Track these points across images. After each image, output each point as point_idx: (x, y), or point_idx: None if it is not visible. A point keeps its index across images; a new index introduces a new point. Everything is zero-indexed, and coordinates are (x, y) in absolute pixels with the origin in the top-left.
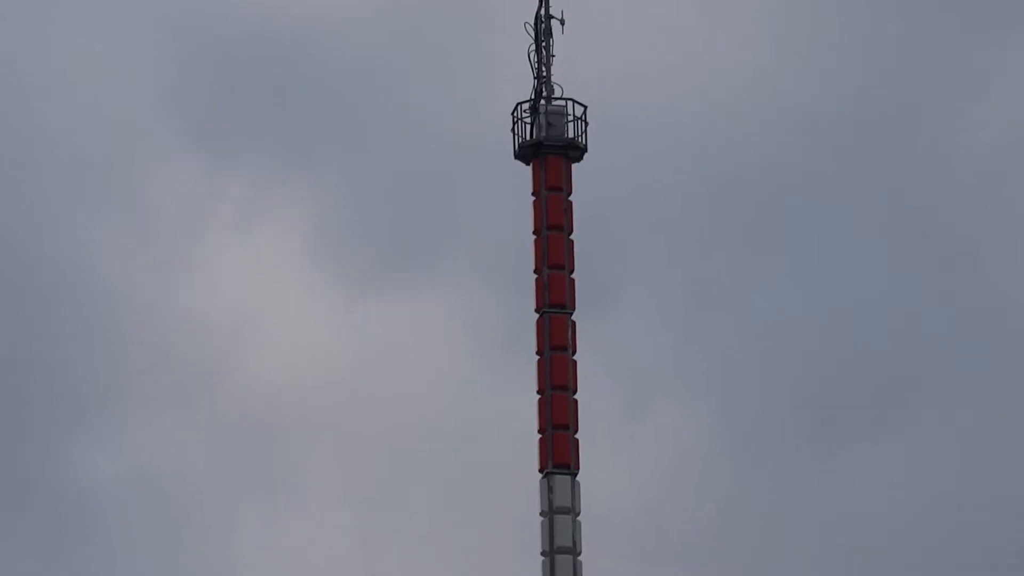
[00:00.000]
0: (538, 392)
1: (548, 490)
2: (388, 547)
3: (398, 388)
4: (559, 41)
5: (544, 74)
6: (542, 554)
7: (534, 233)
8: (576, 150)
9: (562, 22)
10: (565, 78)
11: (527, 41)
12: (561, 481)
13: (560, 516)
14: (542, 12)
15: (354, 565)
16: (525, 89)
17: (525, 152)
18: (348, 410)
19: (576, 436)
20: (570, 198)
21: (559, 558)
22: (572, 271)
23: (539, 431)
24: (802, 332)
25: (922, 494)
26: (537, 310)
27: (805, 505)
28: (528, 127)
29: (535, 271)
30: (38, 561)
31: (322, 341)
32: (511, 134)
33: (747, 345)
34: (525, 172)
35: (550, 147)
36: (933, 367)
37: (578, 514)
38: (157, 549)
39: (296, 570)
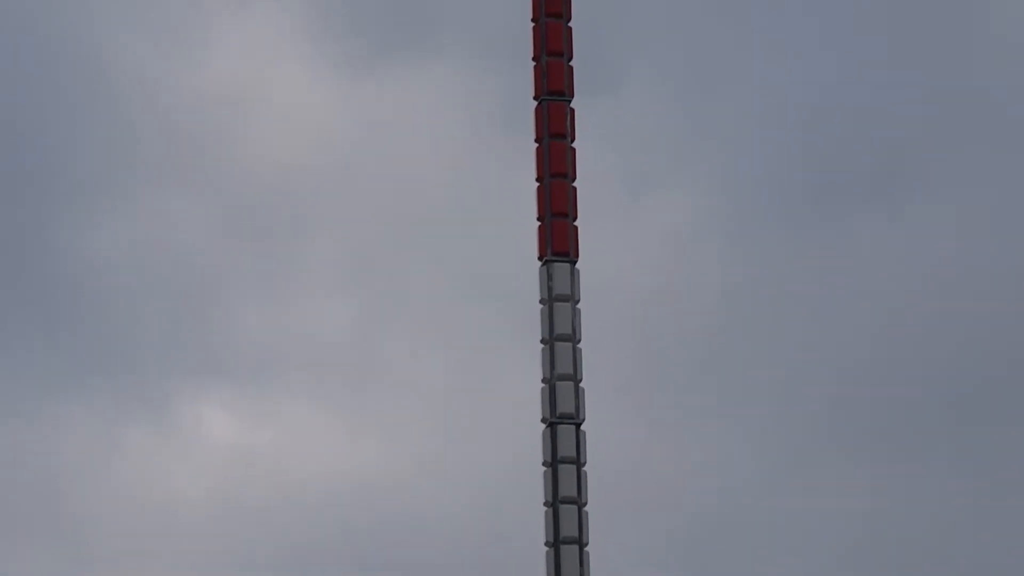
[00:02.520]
0: (537, 180)
1: (547, 278)
2: (388, 329)
3: (396, 170)
4: None
5: None
6: (542, 342)
7: (532, 20)
8: None
9: None
10: None
11: None
12: (560, 269)
13: (560, 304)
14: None
15: (355, 345)
16: None
17: None
18: (347, 191)
19: (575, 224)
20: None
21: (559, 345)
22: (571, 58)
23: (538, 219)
24: (806, 106)
25: (928, 266)
26: (536, 97)
27: (812, 282)
28: None
29: (533, 58)
30: (40, 340)
31: (321, 121)
32: None
33: (750, 122)
34: None
35: None
36: (939, 137)
37: (578, 302)
38: (158, 329)
39: (297, 350)
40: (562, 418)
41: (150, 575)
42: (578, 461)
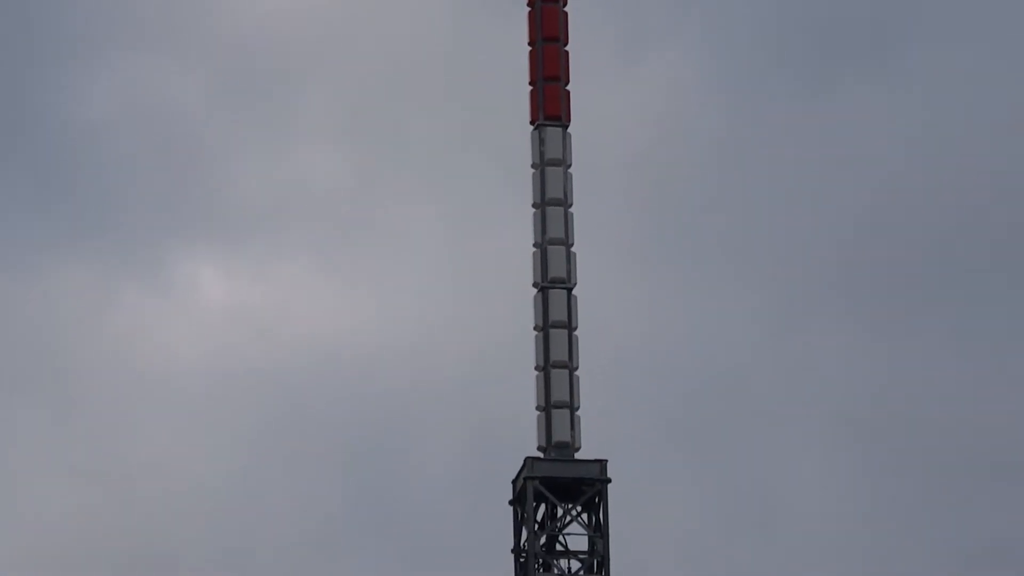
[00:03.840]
0: (529, 44)
1: (539, 142)
2: (381, 185)
3: (390, 28)
4: None
5: None
6: (533, 206)
7: None
8: None
9: None
10: None
11: None
12: (552, 133)
13: (551, 168)
14: None
15: (351, 199)
16: None
17: None
18: (340, 47)
19: (567, 88)
20: None
21: (550, 210)
22: None
23: (530, 83)
24: None
25: (922, 129)
26: None
27: (810, 141)
28: None
29: None
30: (35, 201)
31: None
32: None
33: None
34: None
35: None
36: (934, 3)
37: (569, 166)
38: (152, 189)
39: (295, 203)
40: (553, 283)
41: (143, 432)
42: (569, 325)
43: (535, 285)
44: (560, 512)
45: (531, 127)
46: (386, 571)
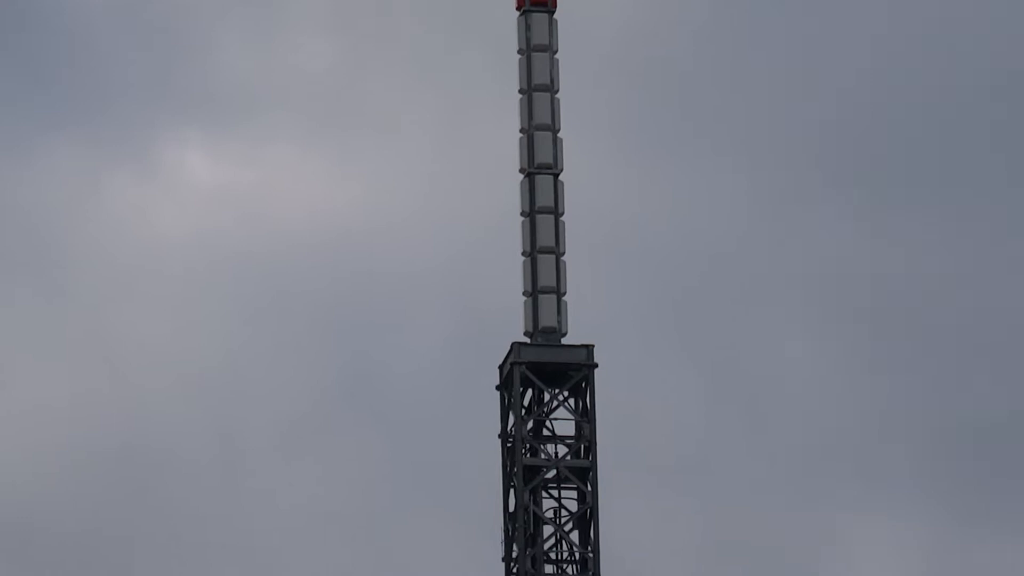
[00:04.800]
0: None
1: (526, 28)
2: (372, 67)
3: None
4: None
5: None
6: (520, 92)
7: None
8: None
9: None
10: None
11: None
12: (539, 19)
13: (538, 54)
14: None
15: (339, 84)
16: None
17: None
18: None
19: None
20: None
21: (537, 96)
22: None
23: None
24: None
25: (920, 6)
26: None
27: (794, 25)
28: None
29: None
30: (24, 84)
31: None
32: None
33: None
34: None
35: None
36: None
37: (555, 51)
38: (145, 72)
39: (283, 88)
40: (540, 168)
41: (133, 314)
42: (556, 211)
43: (522, 171)
44: (547, 397)
45: (517, 13)
46: (374, 455)
